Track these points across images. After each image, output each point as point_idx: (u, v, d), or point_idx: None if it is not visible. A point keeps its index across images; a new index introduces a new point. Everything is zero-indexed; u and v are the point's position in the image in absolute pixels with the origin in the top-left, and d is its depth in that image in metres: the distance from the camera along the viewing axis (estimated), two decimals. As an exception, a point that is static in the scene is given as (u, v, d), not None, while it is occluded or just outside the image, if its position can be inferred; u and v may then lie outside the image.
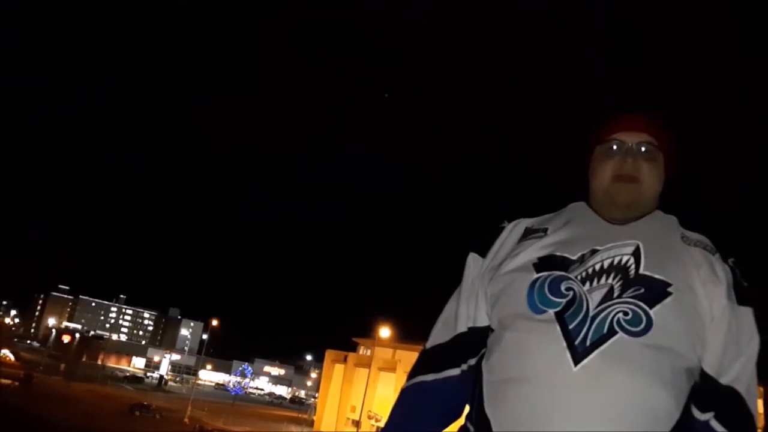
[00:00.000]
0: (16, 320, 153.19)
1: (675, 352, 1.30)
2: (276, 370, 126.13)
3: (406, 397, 1.55)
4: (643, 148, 1.45)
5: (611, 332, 1.29)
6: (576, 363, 1.27)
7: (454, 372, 1.50)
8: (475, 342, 1.50)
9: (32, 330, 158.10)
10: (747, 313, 1.37)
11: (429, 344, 1.58)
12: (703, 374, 1.35)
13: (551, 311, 1.34)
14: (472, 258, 1.58)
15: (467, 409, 1.48)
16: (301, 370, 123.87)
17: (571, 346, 1.29)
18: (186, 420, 46.35)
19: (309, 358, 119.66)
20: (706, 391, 1.34)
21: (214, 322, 67.67)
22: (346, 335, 55.07)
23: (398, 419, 1.54)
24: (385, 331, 44.61)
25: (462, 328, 1.53)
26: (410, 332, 47.90)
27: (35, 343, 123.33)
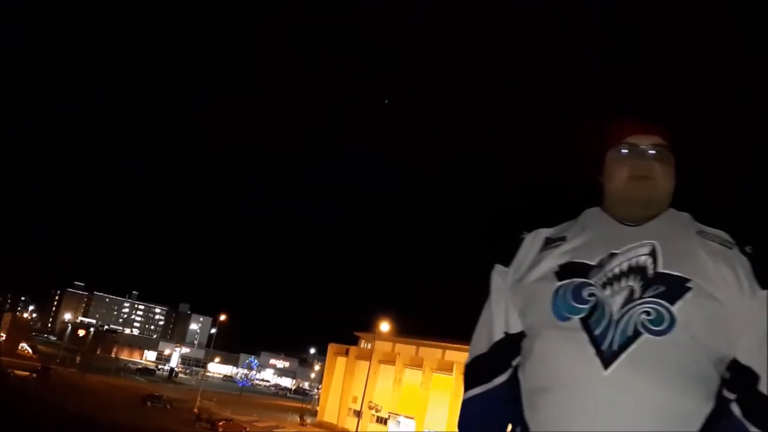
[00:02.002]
0: (34, 315, 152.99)
1: (701, 345, 1.29)
2: (281, 363, 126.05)
3: (464, 413, 1.56)
4: (655, 150, 1.45)
5: (636, 334, 1.28)
6: (606, 367, 1.26)
7: (502, 378, 1.51)
8: (513, 346, 1.50)
9: (49, 324, 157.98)
10: None
11: (470, 358, 1.58)
12: (735, 363, 1.33)
13: (576, 318, 1.33)
14: (497, 270, 1.57)
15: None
16: (305, 363, 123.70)
17: (599, 351, 1.28)
18: (195, 410, 46.33)
19: (312, 351, 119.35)
20: (737, 379, 1.33)
21: (222, 317, 67.54)
22: (347, 329, 55.07)
23: None
24: (385, 326, 44.59)
25: (498, 335, 1.53)
26: (409, 327, 47.94)
27: (52, 337, 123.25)
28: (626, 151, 1.46)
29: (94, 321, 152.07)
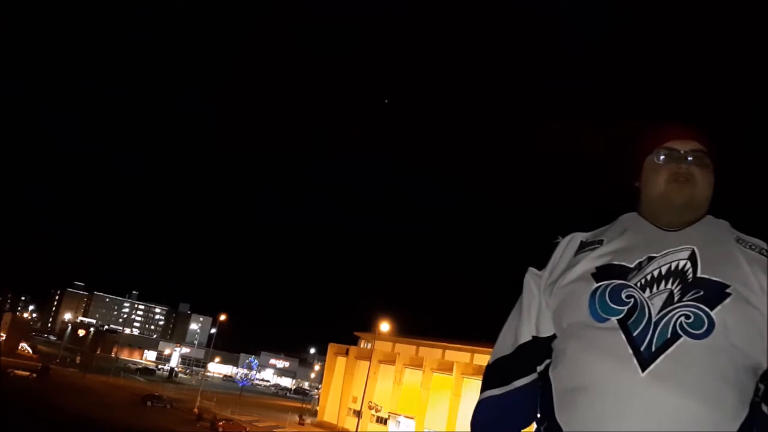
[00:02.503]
0: (34, 315, 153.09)
1: (739, 351, 1.29)
2: (281, 363, 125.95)
3: (480, 412, 1.55)
4: (693, 155, 1.46)
5: (675, 336, 1.28)
6: (643, 369, 1.26)
7: (523, 381, 1.51)
8: (539, 350, 1.50)
9: (49, 324, 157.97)
10: None
11: (493, 358, 1.58)
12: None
13: (614, 319, 1.33)
14: (531, 273, 1.57)
15: (538, 415, 1.48)
16: (305, 363, 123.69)
17: (636, 352, 1.28)
18: (195, 410, 46.32)
19: (312, 351, 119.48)
20: None
21: (222, 317, 67.56)
22: (347, 329, 55.05)
23: None
24: (384, 326, 44.60)
25: (525, 338, 1.53)
26: (409, 327, 47.97)
27: (52, 337, 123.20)
28: (664, 156, 1.47)
29: (94, 321, 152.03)
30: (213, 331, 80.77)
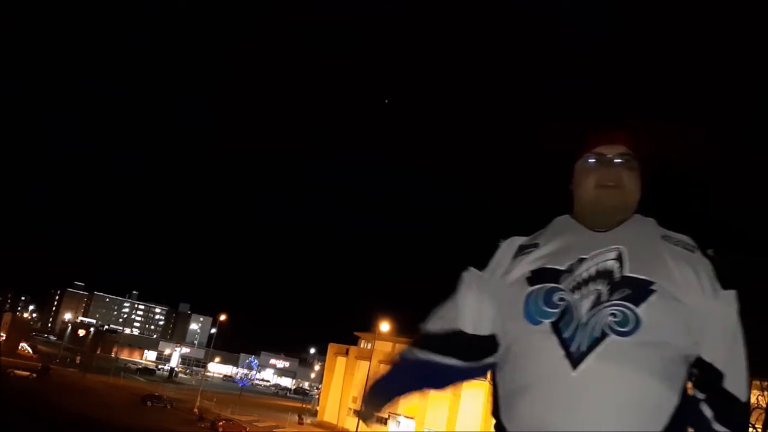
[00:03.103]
0: (34, 315, 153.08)
1: (665, 344, 1.36)
2: (281, 363, 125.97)
3: (406, 361, 1.65)
4: (621, 159, 1.53)
5: (603, 335, 1.35)
6: (574, 367, 1.34)
7: (457, 363, 1.59)
8: (484, 345, 1.56)
9: (49, 324, 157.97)
10: (731, 296, 1.43)
11: (433, 328, 1.64)
12: (700, 361, 1.41)
13: (547, 322, 1.41)
14: (471, 271, 1.64)
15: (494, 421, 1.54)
16: (305, 363, 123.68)
17: (568, 352, 1.35)
18: (195, 410, 46.31)
19: (312, 351, 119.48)
20: (703, 377, 1.41)
21: (222, 317, 67.54)
22: (347, 329, 54.91)
23: (394, 375, 1.67)
24: (384, 326, 44.57)
25: (467, 329, 1.58)
26: (409, 326, 47.88)
27: (52, 337, 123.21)
28: (593, 160, 1.54)
29: (94, 321, 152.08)
30: (213, 331, 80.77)
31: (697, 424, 1.40)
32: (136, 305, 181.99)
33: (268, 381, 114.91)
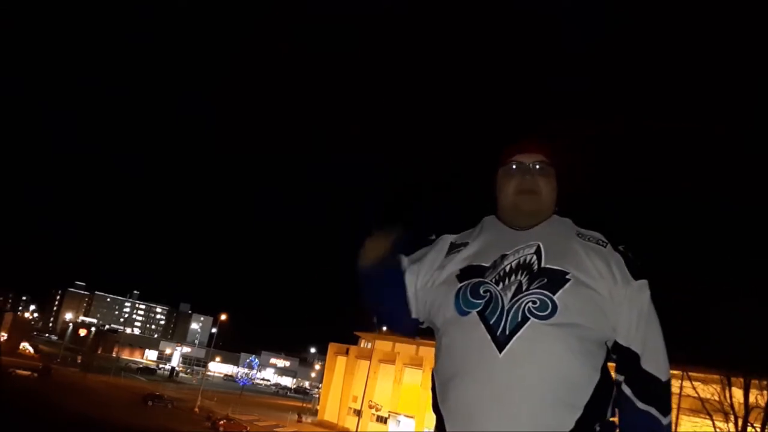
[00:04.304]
0: (35, 315, 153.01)
1: (580, 326, 1.50)
2: (281, 362, 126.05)
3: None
4: (538, 166, 1.70)
5: (525, 320, 1.49)
6: (500, 350, 1.47)
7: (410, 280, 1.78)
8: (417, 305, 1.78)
9: (50, 324, 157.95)
10: (643, 285, 1.59)
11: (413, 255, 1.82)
12: (617, 345, 1.57)
13: (474, 311, 1.55)
14: (404, 259, 1.82)
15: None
16: (306, 362, 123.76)
17: (494, 337, 1.49)
18: (196, 409, 46.29)
19: (313, 350, 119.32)
20: (621, 360, 1.57)
21: (223, 317, 67.51)
22: (348, 329, 54.94)
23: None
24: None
25: (410, 293, 1.78)
26: (409, 326, 47.73)
27: (53, 337, 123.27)
28: (513, 167, 1.71)
29: (95, 321, 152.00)
30: (214, 330, 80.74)
31: (621, 404, 1.54)
32: (137, 305, 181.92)
33: (268, 380, 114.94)
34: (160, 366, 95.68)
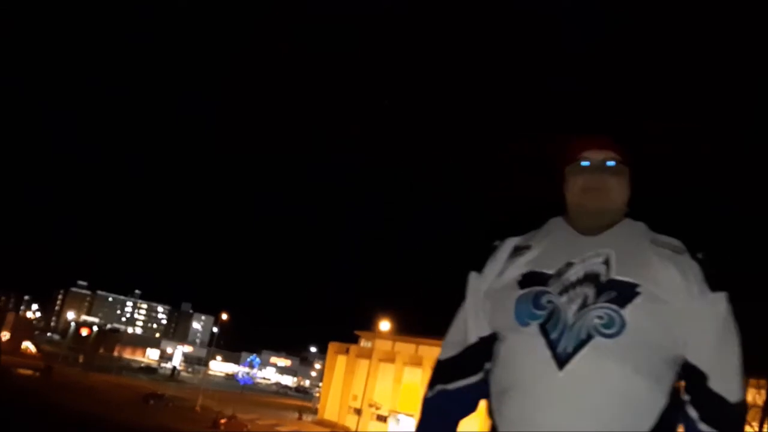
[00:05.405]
0: (38, 314, 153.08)
1: (651, 345, 1.38)
2: (282, 361, 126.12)
3: (430, 405, 1.63)
4: (608, 164, 1.58)
5: (589, 337, 1.38)
6: (560, 368, 1.36)
7: (472, 380, 1.59)
8: (485, 350, 1.58)
9: (52, 323, 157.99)
10: (721, 297, 1.44)
11: (443, 356, 1.66)
12: (686, 363, 1.43)
13: (535, 323, 1.44)
14: (472, 276, 1.66)
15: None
16: (306, 361, 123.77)
17: (555, 353, 1.38)
18: (197, 408, 46.27)
19: (313, 349, 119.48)
20: (689, 379, 1.43)
21: (224, 316, 67.59)
22: (348, 328, 54.97)
23: (426, 424, 1.64)
24: (385, 325, 44.57)
25: (472, 339, 1.61)
26: (408, 326, 47.89)
27: (55, 336, 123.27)
28: (580, 166, 1.60)
29: (97, 320, 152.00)
30: (215, 330, 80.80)
31: (685, 425, 1.41)
32: (138, 304, 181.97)
33: (269, 379, 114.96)
34: (162, 365, 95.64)
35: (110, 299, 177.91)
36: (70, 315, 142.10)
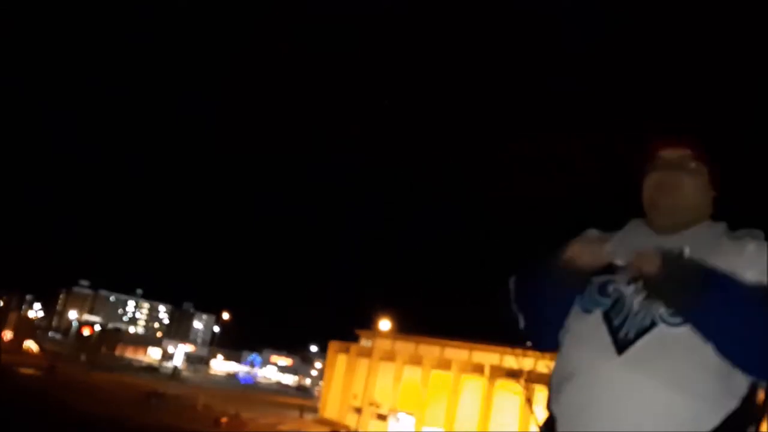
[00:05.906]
0: (40, 314, 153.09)
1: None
2: (283, 360, 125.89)
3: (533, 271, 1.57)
4: (682, 163, 1.53)
5: (653, 324, 1.35)
6: (620, 353, 1.34)
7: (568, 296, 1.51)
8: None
9: (54, 323, 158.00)
10: None
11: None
12: None
13: (599, 310, 1.43)
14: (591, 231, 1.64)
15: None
16: (307, 360, 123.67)
17: (615, 339, 1.36)
18: (199, 407, 46.27)
19: (314, 348, 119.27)
20: None
21: (225, 315, 67.69)
22: (348, 327, 54.98)
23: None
24: (385, 324, 44.61)
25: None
26: (408, 325, 47.94)
27: (57, 335, 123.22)
28: (655, 164, 1.56)
29: (99, 319, 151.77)
30: (216, 329, 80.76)
31: None
32: (140, 304, 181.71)
33: (270, 378, 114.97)
34: (163, 364, 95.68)
35: (112, 299, 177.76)
36: (73, 314, 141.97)
